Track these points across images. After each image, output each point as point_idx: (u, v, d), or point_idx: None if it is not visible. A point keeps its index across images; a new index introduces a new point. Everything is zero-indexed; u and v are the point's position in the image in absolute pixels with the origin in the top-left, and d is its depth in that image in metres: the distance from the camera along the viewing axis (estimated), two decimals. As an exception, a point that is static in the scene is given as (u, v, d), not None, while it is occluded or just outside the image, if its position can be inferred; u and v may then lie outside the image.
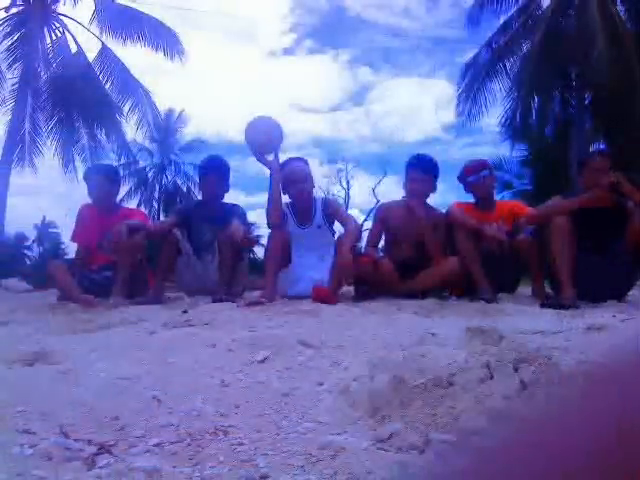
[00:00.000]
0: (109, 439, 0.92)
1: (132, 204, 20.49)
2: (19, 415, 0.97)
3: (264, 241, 3.69)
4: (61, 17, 13.50)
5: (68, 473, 0.78)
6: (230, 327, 1.90)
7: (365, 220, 16.80)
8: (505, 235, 3.12)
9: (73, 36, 13.32)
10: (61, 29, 13.36)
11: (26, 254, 27.97)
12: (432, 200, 3.45)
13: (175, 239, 3.32)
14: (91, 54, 13.29)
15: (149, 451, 0.87)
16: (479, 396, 0.94)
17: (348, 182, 24.38)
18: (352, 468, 0.76)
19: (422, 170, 3.34)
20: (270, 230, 3.20)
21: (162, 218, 19.10)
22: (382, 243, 3.64)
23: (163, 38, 13.01)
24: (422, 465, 0.77)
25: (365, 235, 4.00)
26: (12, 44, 12.61)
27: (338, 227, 3.42)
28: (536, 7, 12.89)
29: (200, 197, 3.90)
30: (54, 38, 13.28)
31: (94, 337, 1.77)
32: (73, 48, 13.21)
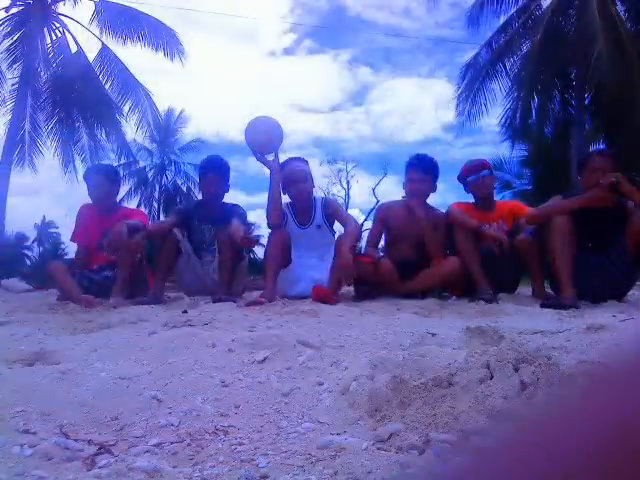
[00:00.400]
0: (109, 439, 0.92)
1: (132, 204, 20.51)
2: (19, 415, 0.97)
3: (264, 241, 3.69)
4: (61, 17, 13.51)
5: (68, 473, 0.78)
6: (230, 327, 1.90)
7: (365, 220, 16.83)
8: (505, 235, 3.13)
9: (73, 36, 13.34)
10: (61, 29, 13.37)
11: (26, 254, 27.94)
12: (432, 200, 3.46)
13: (175, 239, 3.32)
14: (91, 54, 13.34)
15: (149, 451, 0.87)
16: (479, 396, 0.94)
17: (348, 182, 24.40)
18: (352, 468, 0.76)
19: (422, 170, 3.34)
20: (270, 230, 3.20)
21: (162, 218, 19.11)
22: (382, 243, 3.64)
23: (163, 38, 13.02)
24: (422, 465, 0.77)
25: (365, 235, 4.00)
26: (12, 44, 12.61)
27: (338, 227, 3.42)
28: (536, 7, 12.89)
29: (200, 197, 3.90)
30: (54, 38, 13.29)
31: (94, 337, 1.77)
32: (73, 48, 13.22)
